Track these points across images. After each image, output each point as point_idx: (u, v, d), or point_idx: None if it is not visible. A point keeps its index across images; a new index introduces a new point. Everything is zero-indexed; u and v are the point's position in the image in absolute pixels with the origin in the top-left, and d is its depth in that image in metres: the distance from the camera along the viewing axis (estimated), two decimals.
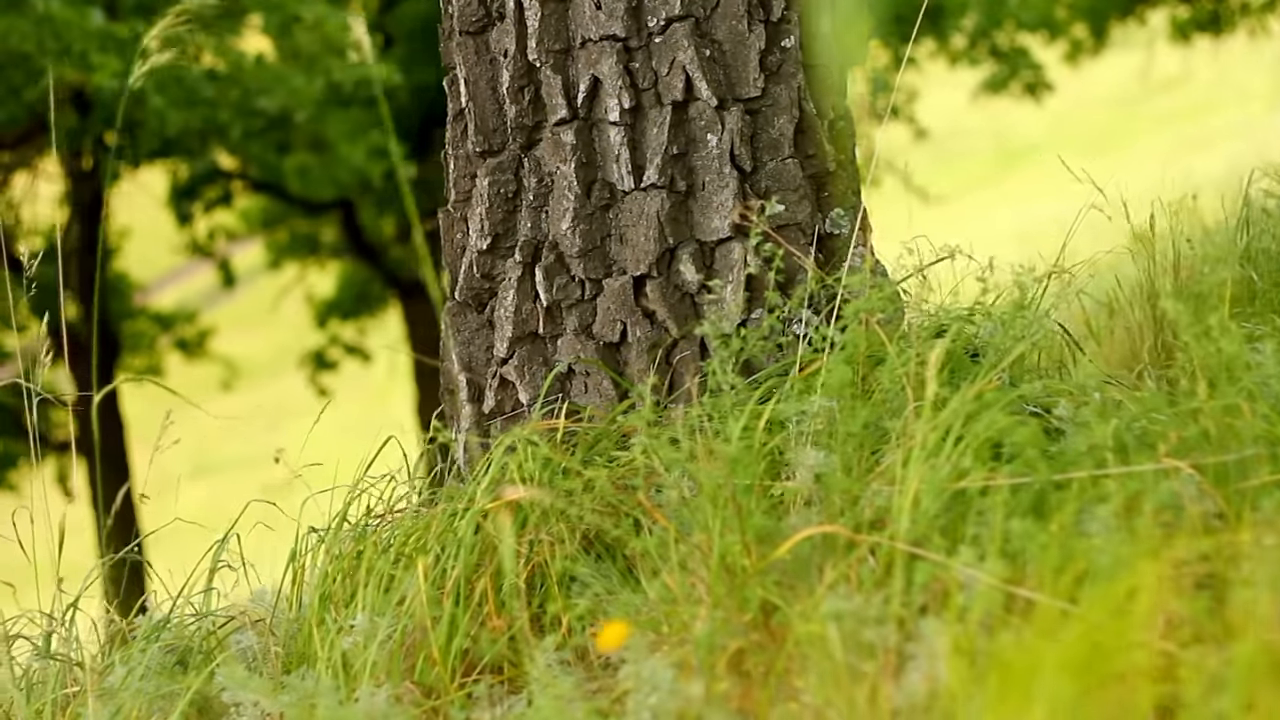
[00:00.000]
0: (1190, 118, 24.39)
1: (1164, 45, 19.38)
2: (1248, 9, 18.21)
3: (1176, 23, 18.26)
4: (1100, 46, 18.85)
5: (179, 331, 16.91)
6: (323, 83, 11.64)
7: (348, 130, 12.12)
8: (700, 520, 2.39)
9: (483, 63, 3.10)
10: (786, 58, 3.05)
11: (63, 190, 15.20)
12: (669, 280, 3.03)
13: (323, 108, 11.77)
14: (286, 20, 11.59)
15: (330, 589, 2.81)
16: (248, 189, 15.36)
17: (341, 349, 16.77)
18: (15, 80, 10.29)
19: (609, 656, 2.52)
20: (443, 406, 3.26)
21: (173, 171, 14.56)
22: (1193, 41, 18.47)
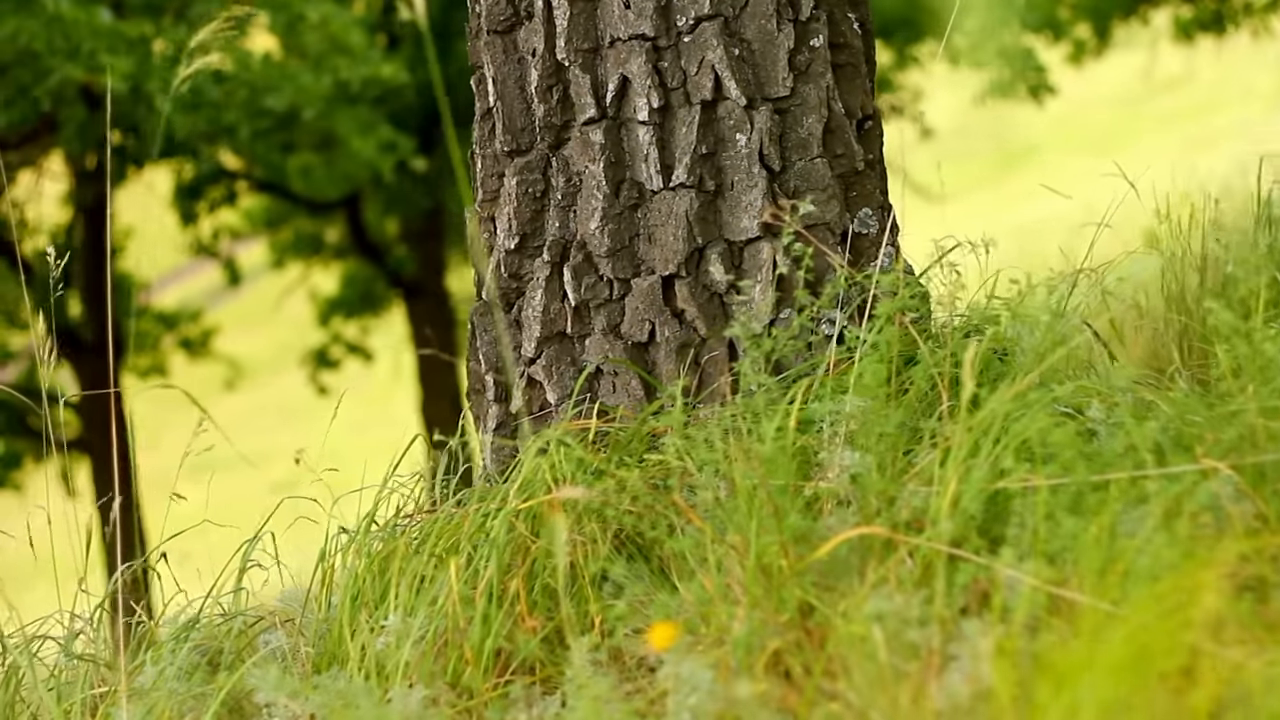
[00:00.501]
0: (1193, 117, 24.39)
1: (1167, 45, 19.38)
2: (1251, 9, 18.20)
3: (1180, 23, 18.25)
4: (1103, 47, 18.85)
5: (183, 331, 16.89)
6: (330, 80, 11.62)
7: (357, 126, 12.10)
8: (735, 521, 2.38)
9: (510, 62, 3.10)
10: (815, 57, 3.05)
11: (67, 190, 15.20)
12: (698, 280, 3.02)
13: (331, 105, 11.75)
14: (293, 19, 11.57)
15: (361, 589, 2.80)
16: (252, 189, 15.35)
17: (344, 348, 16.76)
18: (23, 80, 10.27)
19: (644, 657, 2.52)
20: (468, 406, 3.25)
21: (177, 171, 14.54)
22: (1196, 41, 18.47)
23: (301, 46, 11.82)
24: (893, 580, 2.23)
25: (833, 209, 3.04)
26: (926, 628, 2.12)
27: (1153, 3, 18.42)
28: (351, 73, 11.76)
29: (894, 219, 3.17)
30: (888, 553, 2.36)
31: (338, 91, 11.88)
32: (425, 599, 2.64)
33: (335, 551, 2.98)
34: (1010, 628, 2.07)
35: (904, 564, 2.30)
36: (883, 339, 2.57)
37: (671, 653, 2.26)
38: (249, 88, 11.48)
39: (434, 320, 16.23)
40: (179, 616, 3.00)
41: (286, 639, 2.89)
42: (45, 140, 12.68)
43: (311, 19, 11.76)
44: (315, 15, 11.70)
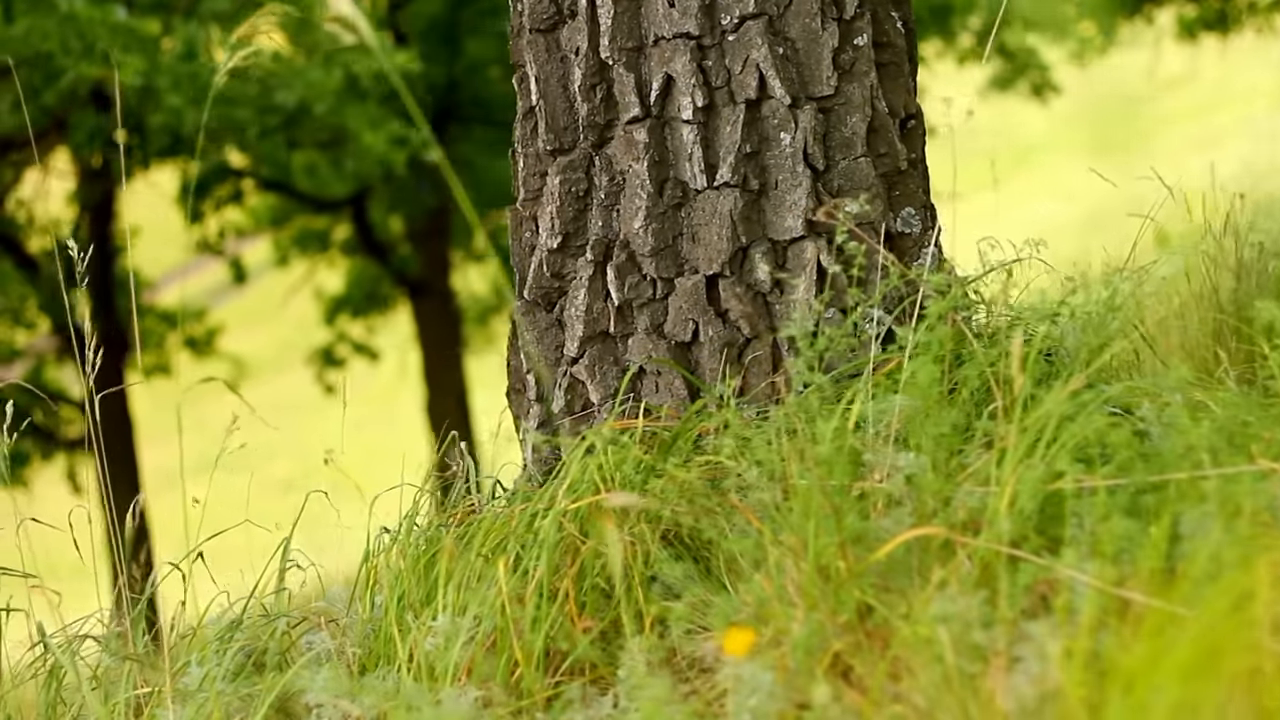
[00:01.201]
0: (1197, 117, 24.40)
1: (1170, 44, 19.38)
2: (1255, 8, 18.21)
3: (1184, 22, 18.25)
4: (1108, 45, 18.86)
5: (188, 329, 16.88)
6: (341, 75, 11.61)
7: (367, 121, 12.09)
8: (791, 522, 2.37)
9: (553, 60, 3.09)
10: (859, 56, 3.04)
11: (73, 188, 15.18)
12: (741, 279, 3.01)
13: (341, 99, 11.75)
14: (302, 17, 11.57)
15: (406, 589, 2.79)
16: (258, 187, 15.34)
17: (350, 346, 16.74)
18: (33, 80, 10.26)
19: (699, 658, 2.51)
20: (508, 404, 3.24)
21: (183, 170, 14.53)
22: (1199, 40, 18.47)
23: (311, 42, 11.81)
24: (954, 582, 2.22)
25: (876, 208, 3.03)
26: (991, 629, 2.11)
27: (1157, 2, 18.42)
28: (362, 66, 11.75)
29: (934, 216, 3.16)
30: (945, 553, 2.35)
31: (348, 86, 11.87)
32: (474, 599, 2.63)
33: (378, 551, 2.97)
34: (1076, 629, 2.07)
35: (963, 565, 2.29)
36: (935, 338, 2.56)
37: (731, 654, 2.25)
38: (260, 83, 11.47)
39: (439, 319, 16.22)
40: (221, 617, 2.99)
41: (331, 640, 2.88)
42: (52, 139, 12.66)
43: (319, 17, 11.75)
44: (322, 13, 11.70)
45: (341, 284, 17.31)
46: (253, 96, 11.54)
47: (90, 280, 10.54)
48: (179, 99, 10.78)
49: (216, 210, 15.15)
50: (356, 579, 2.96)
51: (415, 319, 16.34)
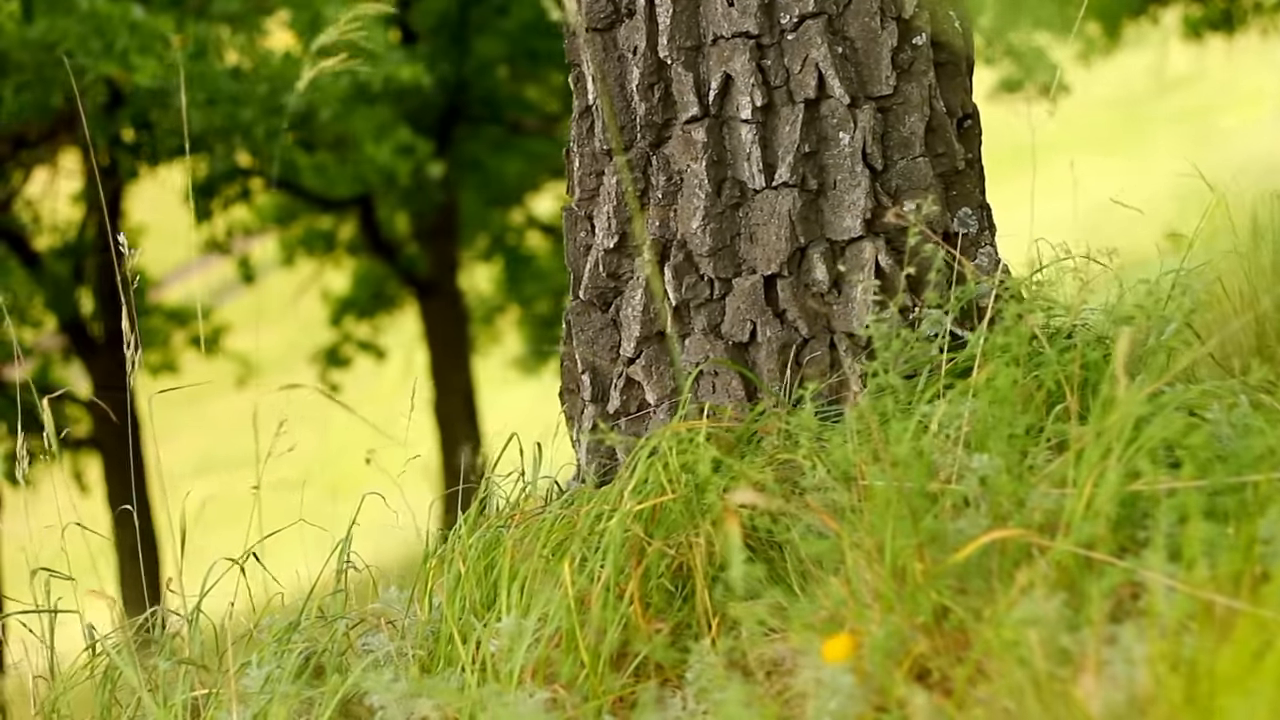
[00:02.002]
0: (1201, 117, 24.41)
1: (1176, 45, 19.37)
2: (1261, 8, 18.20)
3: (1189, 21, 18.25)
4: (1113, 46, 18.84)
5: (194, 328, 16.86)
6: (349, 81, 11.58)
7: (373, 128, 12.06)
8: (867, 523, 2.36)
9: (610, 59, 3.07)
10: (918, 55, 3.02)
11: (81, 187, 15.15)
12: (799, 280, 3.00)
13: (348, 105, 11.72)
14: (314, 18, 11.54)
15: (468, 591, 2.78)
16: (266, 186, 15.31)
17: (356, 346, 16.72)
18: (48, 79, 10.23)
19: (770, 660, 2.50)
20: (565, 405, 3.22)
21: (191, 169, 14.50)
22: (1205, 40, 18.46)
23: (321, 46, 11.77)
24: (1036, 585, 2.20)
25: (934, 209, 3.02)
26: (1077, 633, 2.10)
27: (1162, 2, 18.41)
28: (371, 74, 11.72)
29: (990, 217, 3.15)
30: (1022, 556, 2.34)
31: (356, 91, 11.84)
32: (539, 601, 2.61)
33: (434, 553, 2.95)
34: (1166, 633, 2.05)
35: (1042, 568, 2.28)
36: (1012, 340, 2.54)
37: (810, 656, 2.24)
38: (268, 84, 11.44)
39: (447, 318, 16.20)
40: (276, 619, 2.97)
41: (389, 641, 2.87)
42: (62, 138, 12.62)
43: (330, 18, 11.71)
44: (334, 15, 11.66)
45: (348, 284, 17.29)
46: (260, 98, 11.51)
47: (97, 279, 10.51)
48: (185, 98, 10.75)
49: (224, 209, 15.11)
50: (414, 580, 2.94)
51: (422, 318, 16.32)
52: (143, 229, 16.66)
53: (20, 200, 14.53)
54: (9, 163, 13.16)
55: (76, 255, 15.46)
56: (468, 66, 14.04)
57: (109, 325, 15.24)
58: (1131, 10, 18.33)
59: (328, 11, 11.80)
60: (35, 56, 8.71)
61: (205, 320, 17.12)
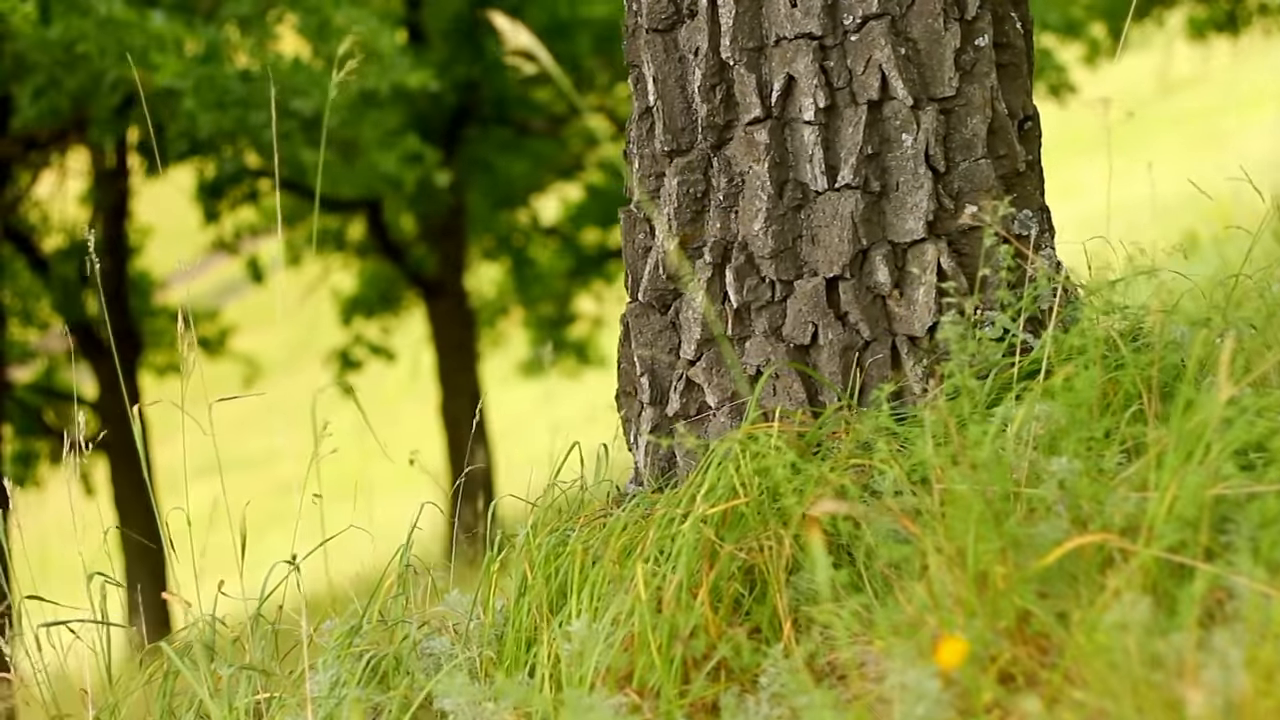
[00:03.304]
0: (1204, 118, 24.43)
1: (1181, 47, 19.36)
2: (1266, 9, 18.20)
3: (1194, 22, 18.25)
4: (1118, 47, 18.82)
5: (200, 329, 16.83)
6: (357, 88, 11.55)
7: (379, 136, 12.02)
8: (948, 527, 2.35)
9: (671, 61, 3.06)
10: (980, 56, 3.01)
11: (87, 188, 15.13)
12: (861, 282, 2.98)
13: (355, 111, 11.68)
14: (323, 23, 11.51)
15: (538, 595, 2.76)
16: (274, 187, 15.28)
17: (366, 348, 16.68)
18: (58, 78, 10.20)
19: (845, 664, 2.48)
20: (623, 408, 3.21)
21: (199, 170, 14.48)
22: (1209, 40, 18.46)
23: (331, 51, 11.74)
24: (1123, 589, 2.19)
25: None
26: (1171, 637, 2.09)
27: (1167, 3, 18.41)
28: (380, 80, 11.68)
29: (1049, 218, 3.14)
30: (1104, 560, 2.32)
31: (363, 98, 11.80)
32: (612, 604, 2.60)
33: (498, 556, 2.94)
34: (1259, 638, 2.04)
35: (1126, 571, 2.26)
36: (1089, 342, 2.53)
37: (897, 661, 2.23)
38: (278, 88, 11.40)
39: (454, 320, 16.18)
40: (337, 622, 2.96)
41: (452, 645, 2.86)
42: (71, 139, 12.60)
43: (339, 23, 11.68)
44: (343, 19, 11.62)
45: (355, 285, 17.26)
46: (269, 100, 11.48)
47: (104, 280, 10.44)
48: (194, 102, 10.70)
49: (232, 210, 15.09)
50: (479, 584, 2.93)
51: (430, 320, 16.29)
52: (148, 230, 16.64)
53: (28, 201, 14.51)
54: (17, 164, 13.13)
55: (83, 256, 15.44)
56: (478, 67, 14.00)
57: (116, 327, 15.22)
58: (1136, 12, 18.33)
59: (337, 16, 11.77)
60: (53, 57, 8.68)
61: (211, 321, 17.10)
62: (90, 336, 15.30)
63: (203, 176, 14.47)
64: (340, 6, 11.48)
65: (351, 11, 11.76)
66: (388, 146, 11.61)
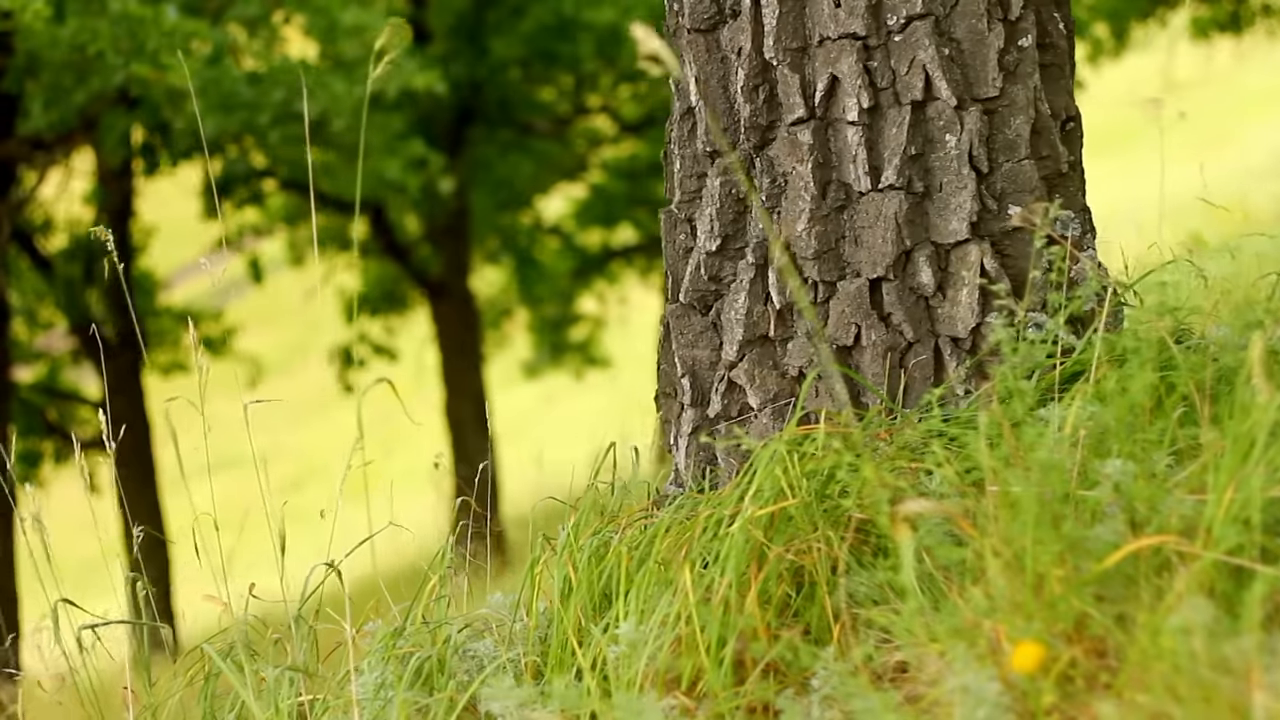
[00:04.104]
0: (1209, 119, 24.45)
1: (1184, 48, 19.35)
2: (1270, 10, 18.20)
3: (1198, 23, 18.25)
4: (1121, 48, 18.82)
5: (204, 329, 16.81)
6: (363, 90, 11.52)
7: (384, 141, 12.00)
8: (1004, 529, 2.34)
9: (714, 61, 3.05)
10: (1024, 57, 3.00)
11: (92, 188, 15.11)
12: (904, 283, 2.97)
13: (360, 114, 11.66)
14: (329, 25, 11.49)
15: (581, 597, 2.75)
16: (278, 187, 15.28)
17: (370, 348, 16.66)
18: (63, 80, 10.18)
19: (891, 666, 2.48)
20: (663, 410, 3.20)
21: (205, 170, 14.45)
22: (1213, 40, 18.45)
23: (338, 53, 11.72)
24: (1187, 592, 2.18)
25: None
26: (1237, 640, 2.08)
27: (1170, 4, 18.40)
28: (386, 82, 11.65)
29: (1090, 219, 3.13)
30: (1162, 563, 2.32)
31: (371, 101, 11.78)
32: (660, 606, 2.59)
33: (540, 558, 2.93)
34: None
35: (1186, 575, 2.25)
36: (1144, 344, 2.52)
37: (954, 664, 2.22)
38: (285, 89, 11.39)
39: (458, 320, 16.17)
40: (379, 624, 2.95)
41: (495, 647, 2.84)
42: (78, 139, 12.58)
43: (347, 24, 11.65)
44: (351, 21, 11.60)
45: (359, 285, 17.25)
46: (276, 103, 11.46)
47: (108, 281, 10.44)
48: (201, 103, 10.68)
49: (237, 210, 15.08)
50: (521, 585, 2.92)
51: (434, 320, 16.28)
52: (152, 230, 16.62)
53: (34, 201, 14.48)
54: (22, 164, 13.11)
55: (87, 256, 15.42)
56: (482, 68, 13.99)
57: (119, 327, 15.20)
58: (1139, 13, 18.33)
59: (345, 17, 11.75)
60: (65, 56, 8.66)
61: (215, 321, 17.09)
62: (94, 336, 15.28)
63: (208, 176, 14.44)
64: (348, 7, 11.46)
65: (360, 13, 11.74)
66: (392, 151, 11.57)
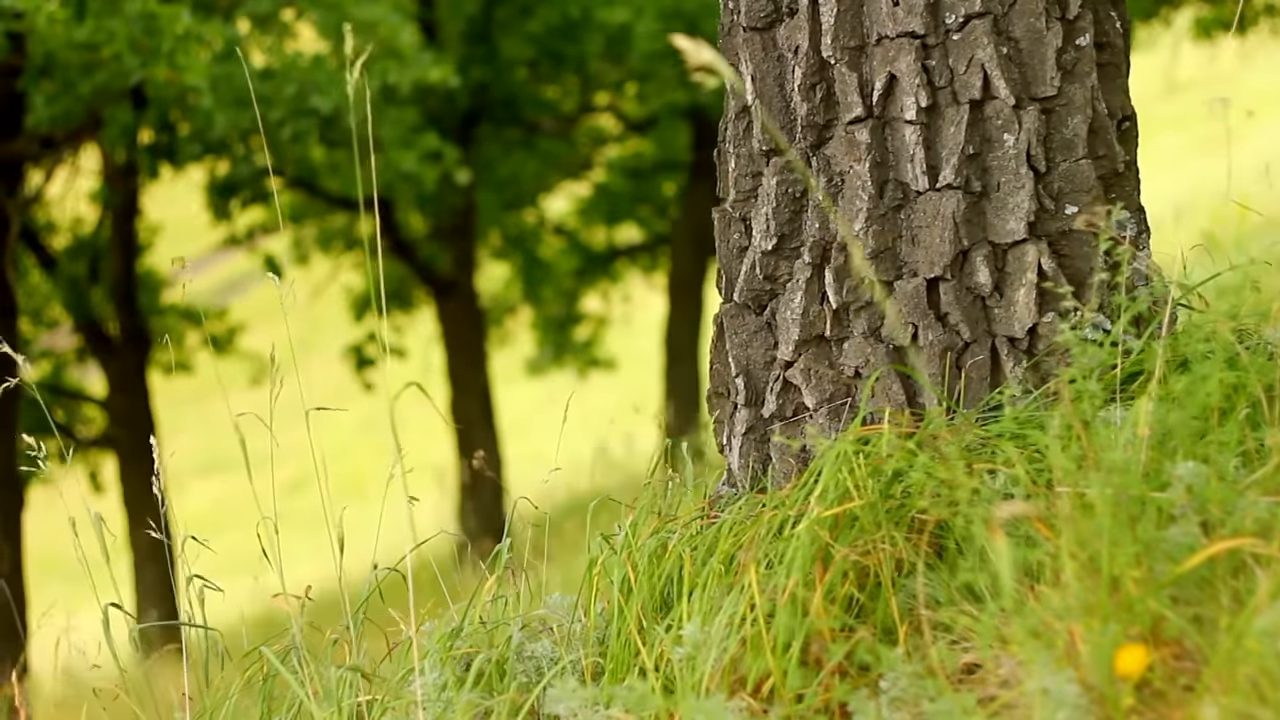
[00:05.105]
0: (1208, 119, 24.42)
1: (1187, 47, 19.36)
2: (1273, 9, 18.20)
3: (1201, 22, 18.26)
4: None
5: (208, 327, 16.79)
6: (377, 85, 11.51)
7: (400, 134, 12.00)
8: (1079, 531, 2.33)
9: (770, 59, 3.04)
10: (1081, 56, 2.99)
11: (97, 187, 15.08)
12: (961, 283, 2.96)
13: (377, 108, 11.65)
14: (341, 21, 11.47)
15: (642, 598, 2.74)
16: (285, 186, 15.25)
17: (379, 347, 16.64)
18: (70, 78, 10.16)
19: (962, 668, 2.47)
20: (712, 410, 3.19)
21: (211, 169, 14.44)
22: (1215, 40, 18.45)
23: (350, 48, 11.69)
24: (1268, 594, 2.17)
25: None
26: None
27: (1174, 4, 18.41)
28: (400, 76, 11.64)
29: (1145, 219, 3.12)
30: (1234, 564, 2.31)
31: (383, 95, 11.77)
32: (726, 606, 2.58)
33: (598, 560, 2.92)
34: None
35: (1262, 576, 2.25)
36: (1217, 346, 2.51)
37: (1035, 667, 2.21)
38: (297, 85, 11.37)
39: (464, 318, 16.15)
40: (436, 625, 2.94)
41: (554, 648, 2.83)
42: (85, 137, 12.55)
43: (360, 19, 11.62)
44: (365, 16, 11.58)
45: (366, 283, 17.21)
46: (289, 99, 11.45)
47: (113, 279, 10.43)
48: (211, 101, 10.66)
49: (243, 209, 15.05)
50: (580, 586, 2.90)
51: (440, 318, 16.26)
52: (157, 229, 16.60)
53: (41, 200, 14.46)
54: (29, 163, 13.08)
55: (92, 255, 15.40)
56: (490, 68, 13.98)
57: (124, 325, 15.17)
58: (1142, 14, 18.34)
59: (357, 13, 11.73)
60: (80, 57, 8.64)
61: (220, 319, 17.07)
62: (99, 335, 15.26)
63: (214, 176, 14.41)
64: (360, 3, 11.44)
65: (372, 8, 11.72)
66: (408, 145, 11.56)
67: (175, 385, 19.26)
